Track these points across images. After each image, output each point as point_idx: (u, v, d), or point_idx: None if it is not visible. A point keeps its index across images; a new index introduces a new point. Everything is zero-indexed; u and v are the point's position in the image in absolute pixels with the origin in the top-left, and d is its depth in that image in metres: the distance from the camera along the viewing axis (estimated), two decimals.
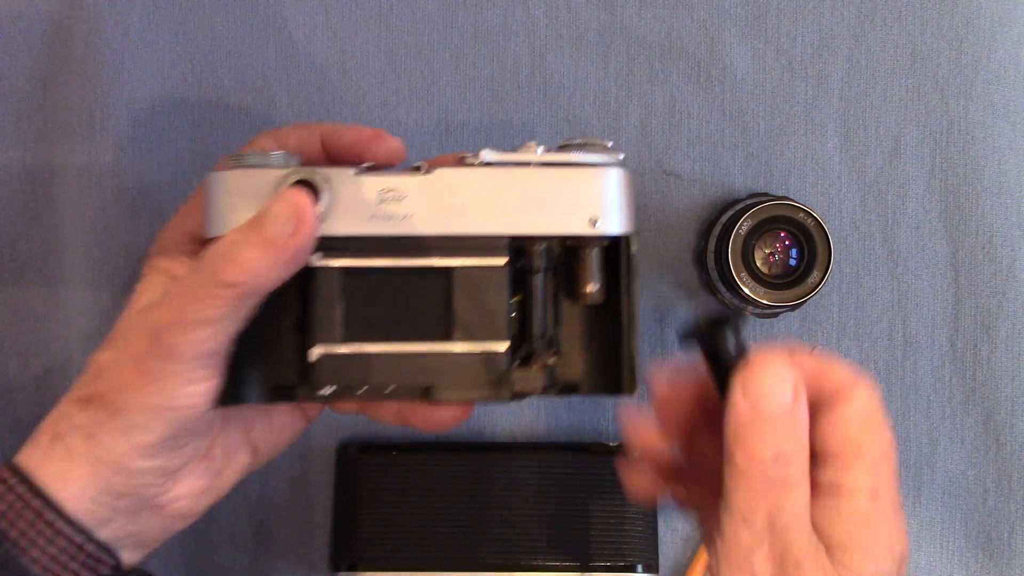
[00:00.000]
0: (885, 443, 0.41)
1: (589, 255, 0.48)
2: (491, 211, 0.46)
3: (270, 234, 0.43)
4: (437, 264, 0.46)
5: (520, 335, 0.48)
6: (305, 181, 0.45)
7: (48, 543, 0.44)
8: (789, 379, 0.40)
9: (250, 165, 0.46)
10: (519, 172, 0.46)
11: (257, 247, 0.43)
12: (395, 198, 0.46)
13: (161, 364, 0.43)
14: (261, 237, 0.43)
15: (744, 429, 0.40)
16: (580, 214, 0.46)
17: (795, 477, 0.40)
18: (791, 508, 0.39)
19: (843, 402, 0.41)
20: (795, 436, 0.40)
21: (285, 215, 0.43)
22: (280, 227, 0.43)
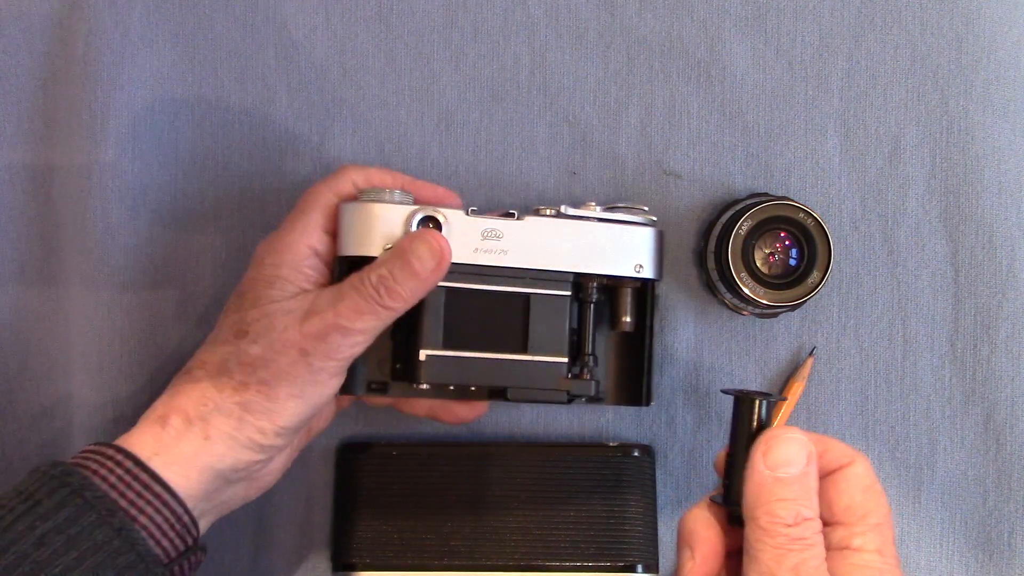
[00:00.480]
0: (885, 508, 0.47)
1: (626, 293, 0.60)
2: (565, 253, 0.58)
3: (419, 269, 0.54)
4: (520, 291, 0.58)
5: (575, 354, 0.60)
6: (433, 219, 0.56)
7: (155, 512, 0.50)
8: (804, 448, 0.46)
9: (380, 200, 0.56)
10: (585, 224, 0.58)
11: (411, 280, 0.54)
12: (495, 236, 0.57)
13: (323, 362, 0.53)
14: (413, 271, 0.54)
15: (766, 492, 0.46)
16: (628, 261, 0.59)
17: (814, 536, 0.45)
18: (813, 562, 0.44)
19: (846, 473, 0.47)
20: (810, 499, 0.46)
21: (429, 254, 0.54)
22: (427, 264, 0.54)
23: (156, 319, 0.63)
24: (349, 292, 0.53)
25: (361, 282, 0.53)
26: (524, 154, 0.64)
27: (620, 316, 0.60)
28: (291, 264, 0.55)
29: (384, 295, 0.53)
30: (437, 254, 0.54)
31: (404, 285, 0.53)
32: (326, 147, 0.64)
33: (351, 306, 0.53)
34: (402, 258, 0.54)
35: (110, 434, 0.61)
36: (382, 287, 0.53)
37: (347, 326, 0.53)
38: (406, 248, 0.54)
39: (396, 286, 0.53)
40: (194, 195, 0.64)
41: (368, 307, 0.53)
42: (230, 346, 0.53)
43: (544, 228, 0.58)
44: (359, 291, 0.53)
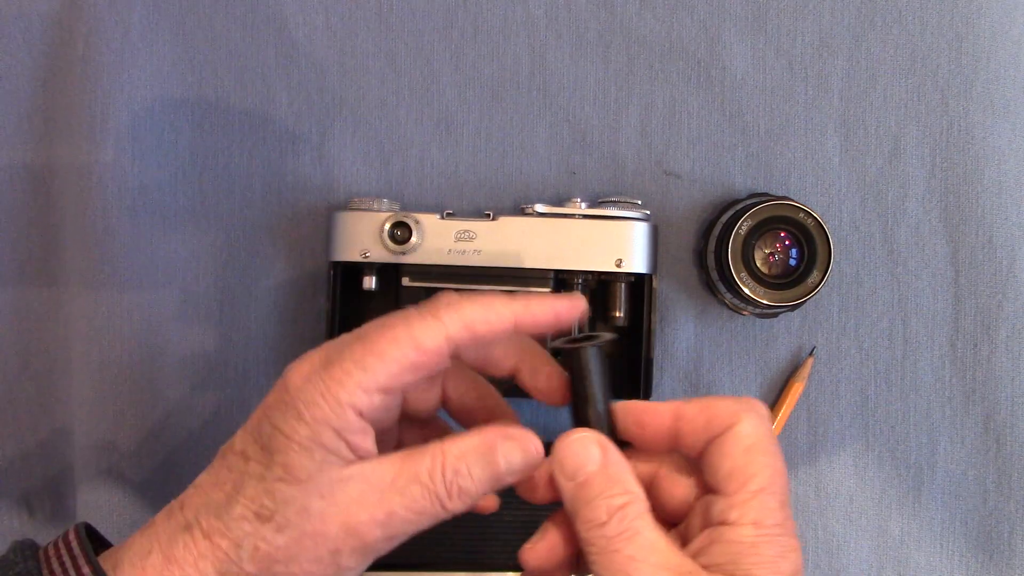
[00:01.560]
0: (770, 468, 0.42)
1: (618, 288, 0.61)
2: (541, 251, 0.59)
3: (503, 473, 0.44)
4: (498, 289, 0.57)
5: None
6: (403, 223, 0.59)
7: None
8: (591, 441, 0.43)
9: (366, 209, 0.60)
10: (564, 222, 0.60)
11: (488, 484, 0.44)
12: (468, 237, 0.59)
13: (356, 562, 0.43)
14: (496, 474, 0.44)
15: (573, 502, 0.42)
16: (608, 256, 0.59)
17: (635, 525, 0.41)
18: (642, 550, 0.41)
19: (729, 434, 0.42)
20: (621, 487, 0.42)
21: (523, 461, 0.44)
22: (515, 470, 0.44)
23: (156, 319, 0.63)
24: (411, 486, 0.43)
25: (431, 477, 0.43)
26: (524, 154, 0.64)
27: (610, 311, 0.61)
28: (338, 430, 0.42)
29: (454, 497, 0.43)
30: (532, 464, 0.44)
31: (479, 488, 0.43)
32: (326, 147, 0.64)
33: (410, 506, 0.43)
34: (487, 458, 0.43)
35: (110, 434, 0.62)
36: (455, 487, 0.43)
37: (398, 528, 0.43)
38: (494, 447, 0.44)
39: (471, 487, 0.43)
40: (194, 195, 0.64)
41: (429, 507, 0.43)
42: (248, 526, 0.42)
43: (519, 227, 0.59)
44: (425, 488, 0.43)
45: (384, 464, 0.43)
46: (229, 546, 0.42)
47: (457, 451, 0.43)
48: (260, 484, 0.43)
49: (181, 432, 0.63)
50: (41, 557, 0.44)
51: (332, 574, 0.43)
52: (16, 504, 0.64)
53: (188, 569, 0.42)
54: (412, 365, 0.43)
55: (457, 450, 0.43)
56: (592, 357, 0.46)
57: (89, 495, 0.62)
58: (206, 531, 0.43)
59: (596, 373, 0.46)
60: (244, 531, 0.42)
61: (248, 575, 0.42)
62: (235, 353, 0.64)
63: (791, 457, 0.64)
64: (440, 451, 0.43)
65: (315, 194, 0.64)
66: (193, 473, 0.61)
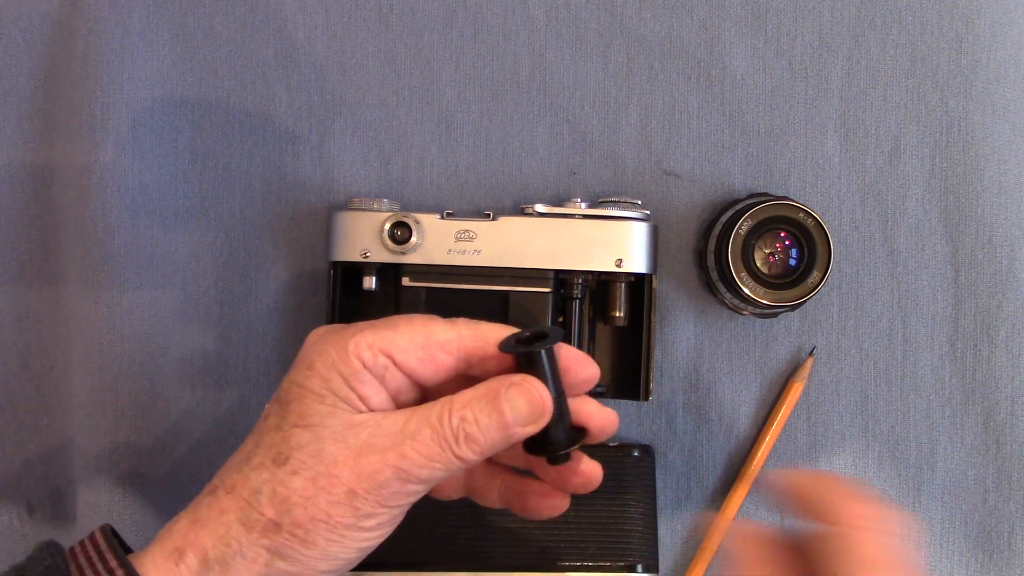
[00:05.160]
0: None
1: (618, 288, 0.61)
2: (541, 251, 0.59)
3: (509, 420, 0.45)
4: (497, 289, 0.59)
5: None
6: (403, 223, 0.59)
7: None
8: None
9: (366, 208, 0.59)
10: (564, 222, 0.59)
11: (497, 432, 0.45)
12: (468, 237, 0.59)
13: (372, 508, 0.44)
14: (502, 422, 0.45)
15: None
16: (608, 256, 0.59)
17: None
18: None
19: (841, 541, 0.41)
20: None
21: (528, 408, 0.46)
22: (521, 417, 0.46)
23: (156, 319, 0.63)
24: (421, 430, 0.45)
25: (439, 422, 0.45)
26: (524, 154, 0.64)
27: (611, 311, 0.61)
28: (346, 377, 0.46)
29: (462, 443, 0.45)
30: (538, 410, 0.46)
31: (487, 435, 0.45)
32: (326, 147, 0.64)
33: (421, 449, 0.44)
34: (492, 404, 0.45)
35: (110, 434, 0.62)
36: (462, 433, 0.45)
37: (411, 472, 0.44)
38: (498, 393, 0.46)
39: (478, 434, 0.45)
40: (194, 195, 0.64)
41: (440, 454, 0.45)
42: (266, 472, 0.45)
43: (519, 227, 0.59)
44: (434, 431, 0.45)
45: (396, 414, 0.45)
46: (249, 494, 0.44)
47: (464, 399, 0.45)
48: (277, 433, 0.45)
49: (181, 432, 0.63)
50: (68, 555, 0.45)
51: (352, 520, 0.44)
52: (16, 504, 0.64)
53: (212, 524, 0.44)
54: (419, 347, 0.46)
55: (464, 398, 0.46)
56: (544, 357, 0.47)
57: (89, 495, 0.62)
58: (228, 487, 0.45)
59: (549, 372, 0.47)
60: (262, 478, 0.44)
61: (268, 519, 0.44)
62: (235, 353, 0.64)
63: (791, 457, 0.64)
64: (449, 400, 0.46)
65: (315, 194, 0.64)
66: (193, 472, 0.61)
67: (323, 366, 0.46)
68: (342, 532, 0.44)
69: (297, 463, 0.44)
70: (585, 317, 0.62)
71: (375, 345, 0.46)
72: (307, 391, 0.45)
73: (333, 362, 0.46)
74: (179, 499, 0.63)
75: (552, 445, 0.48)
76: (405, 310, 0.60)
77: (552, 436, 0.48)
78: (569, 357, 0.49)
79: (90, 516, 0.62)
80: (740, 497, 0.63)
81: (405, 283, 0.60)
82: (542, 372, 0.47)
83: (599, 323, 0.63)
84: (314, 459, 0.44)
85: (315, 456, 0.44)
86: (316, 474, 0.44)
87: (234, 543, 0.44)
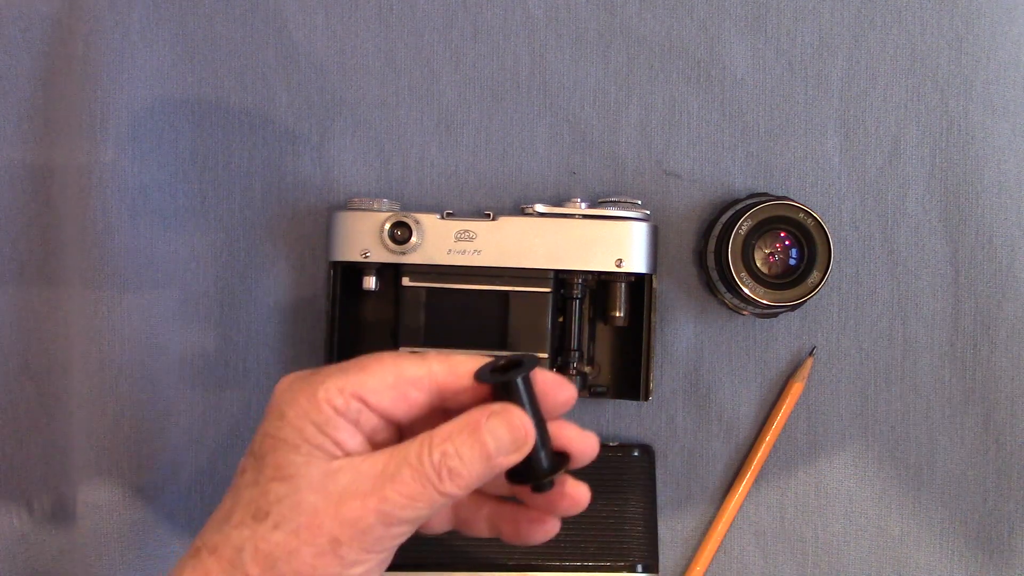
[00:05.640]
0: None
1: (618, 288, 0.61)
2: (541, 251, 0.59)
3: (492, 451, 0.44)
4: (497, 289, 0.59)
5: (560, 348, 0.61)
6: (403, 223, 0.59)
7: None
8: None
9: (366, 208, 0.60)
10: (564, 222, 0.60)
11: (480, 464, 0.44)
12: (468, 237, 0.59)
13: (357, 555, 0.43)
14: (484, 453, 0.44)
15: None
16: (608, 256, 0.59)
17: None
18: None
19: None
20: None
21: (510, 438, 0.45)
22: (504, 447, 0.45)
23: (156, 319, 0.63)
24: (401, 470, 0.43)
25: (419, 459, 0.43)
26: (524, 154, 0.64)
27: (611, 311, 0.61)
28: (319, 425, 0.44)
29: (445, 479, 0.43)
30: (520, 439, 0.45)
31: (470, 468, 0.44)
32: (326, 147, 0.64)
33: (402, 489, 0.43)
34: (474, 435, 0.44)
35: (110, 434, 0.62)
36: (444, 468, 0.43)
37: (394, 514, 0.43)
38: (479, 424, 0.44)
39: (462, 468, 0.44)
40: (194, 195, 0.64)
41: (423, 492, 0.43)
42: (247, 529, 0.43)
43: (519, 227, 0.60)
44: (415, 470, 0.43)
45: (374, 456, 0.44)
46: (232, 553, 0.43)
47: (444, 433, 0.44)
48: (255, 488, 0.44)
49: (181, 432, 0.63)
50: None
51: (338, 570, 0.43)
52: (16, 504, 0.64)
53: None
54: (390, 387, 0.45)
55: (444, 432, 0.44)
56: (521, 385, 0.46)
57: (89, 495, 0.62)
58: (211, 548, 0.44)
59: (527, 400, 0.46)
60: (244, 536, 0.43)
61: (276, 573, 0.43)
62: (235, 353, 0.64)
63: (791, 457, 0.64)
64: (428, 435, 0.44)
65: (315, 194, 0.64)
66: (193, 473, 0.61)
67: (295, 415, 0.44)
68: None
69: (278, 517, 0.43)
70: (585, 317, 0.62)
71: (345, 390, 0.45)
72: (281, 442, 0.44)
73: (304, 411, 0.44)
74: (179, 499, 0.63)
75: (535, 473, 0.47)
76: (405, 310, 0.60)
77: (535, 464, 0.47)
78: (545, 381, 0.47)
79: (90, 516, 0.62)
80: (740, 497, 0.63)
81: (405, 283, 0.60)
82: (520, 400, 0.46)
83: (599, 323, 0.63)
84: (294, 511, 0.43)
85: (295, 508, 0.43)
86: (298, 526, 0.43)
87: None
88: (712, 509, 0.64)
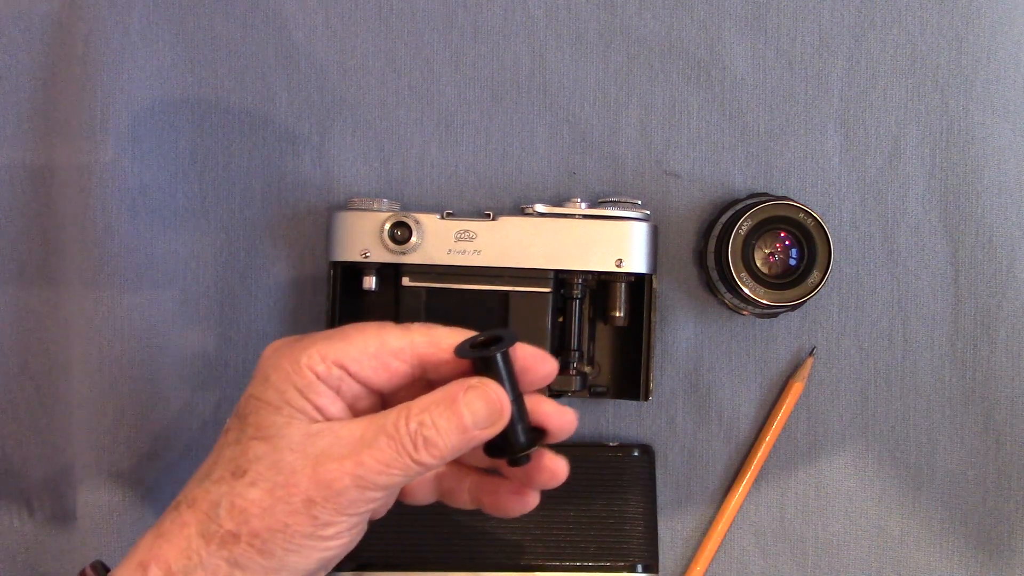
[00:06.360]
0: None
1: (618, 288, 0.61)
2: (541, 251, 0.59)
3: (468, 424, 0.45)
4: (497, 289, 0.59)
5: (560, 348, 0.61)
6: (403, 223, 0.59)
7: None
8: None
9: (365, 209, 0.60)
10: (564, 222, 0.60)
11: (456, 435, 0.45)
12: (468, 238, 0.59)
13: (331, 516, 0.44)
14: (461, 425, 0.45)
15: None
16: (608, 256, 0.59)
17: None
18: None
19: None
20: None
21: (486, 411, 0.46)
22: (480, 420, 0.46)
23: (156, 319, 0.63)
24: (378, 438, 0.45)
25: (395, 428, 0.45)
26: (524, 154, 0.64)
27: (611, 311, 0.61)
28: (300, 389, 0.46)
29: (420, 448, 0.45)
30: (496, 412, 0.46)
31: (446, 439, 0.45)
32: (326, 147, 0.64)
33: (378, 456, 0.44)
34: (451, 408, 0.46)
35: (110, 434, 0.62)
36: (420, 438, 0.45)
37: (369, 479, 0.44)
38: (456, 397, 0.46)
39: (437, 439, 0.45)
40: (194, 195, 0.64)
41: (398, 460, 0.45)
42: (225, 485, 0.45)
43: (519, 227, 0.59)
44: (391, 438, 0.45)
45: (353, 422, 0.46)
46: (209, 507, 0.45)
47: (422, 404, 0.46)
48: (236, 447, 0.46)
49: (181, 432, 0.63)
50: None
51: (311, 529, 0.44)
52: (16, 504, 0.64)
53: (174, 538, 0.45)
54: (372, 356, 0.47)
55: (422, 404, 0.46)
56: (500, 360, 0.47)
57: (89, 495, 0.62)
58: (190, 501, 0.45)
59: (506, 374, 0.47)
60: (221, 491, 0.45)
61: (227, 531, 0.44)
62: (235, 353, 0.64)
63: (791, 457, 0.64)
64: (406, 406, 0.46)
65: (315, 194, 0.64)
66: (193, 472, 0.61)
67: (277, 379, 0.46)
68: (300, 542, 0.44)
69: (255, 475, 0.45)
70: (585, 317, 0.62)
71: (328, 357, 0.46)
72: (264, 404, 0.46)
73: (287, 375, 0.46)
74: None
75: (512, 447, 0.48)
76: (405, 310, 0.60)
77: (511, 438, 0.48)
78: (526, 356, 0.49)
79: (90, 516, 0.62)
80: (740, 497, 0.63)
81: (405, 283, 0.60)
82: (499, 375, 0.47)
83: (599, 323, 0.63)
84: (271, 470, 0.45)
85: (272, 467, 0.45)
86: (274, 485, 0.44)
87: (194, 556, 0.44)
88: (712, 509, 0.64)
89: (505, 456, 0.48)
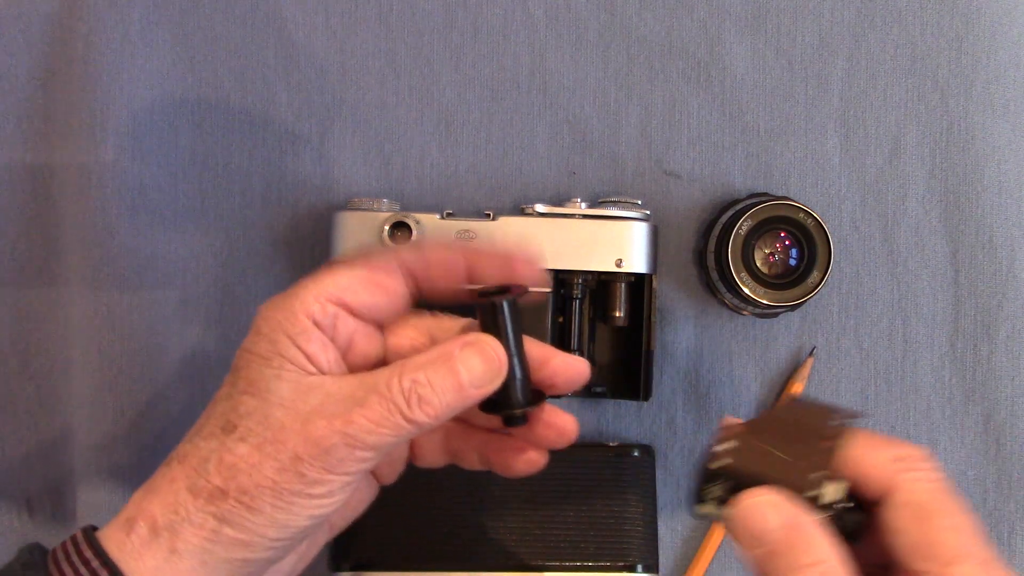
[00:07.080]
0: (960, 530, 0.41)
1: (618, 288, 0.61)
2: (541, 251, 0.56)
3: (464, 382, 0.44)
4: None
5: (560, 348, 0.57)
6: (403, 223, 0.59)
7: None
8: (770, 505, 0.40)
9: (366, 209, 0.60)
10: (564, 222, 0.60)
11: (451, 393, 0.44)
12: (468, 238, 0.60)
13: (318, 475, 0.43)
14: (457, 383, 0.44)
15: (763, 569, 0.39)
16: (608, 256, 0.59)
17: None
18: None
19: (892, 504, 0.40)
20: (810, 555, 0.39)
21: (483, 368, 0.44)
22: (477, 378, 0.44)
23: (156, 319, 0.63)
24: (369, 396, 0.43)
25: (387, 386, 0.43)
26: (524, 154, 0.64)
27: (611, 310, 0.61)
28: (292, 336, 0.44)
29: (414, 406, 0.43)
30: (494, 370, 0.45)
31: (441, 397, 0.44)
32: (326, 147, 0.64)
33: (369, 415, 0.43)
34: (446, 365, 0.44)
35: (110, 434, 0.62)
36: (414, 396, 0.43)
37: (359, 437, 0.43)
38: (452, 354, 0.44)
39: (432, 396, 0.43)
40: (194, 195, 0.64)
41: (390, 419, 0.43)
42: (214, 441, 0.44)
43: (519, 227, 0.60)
44: (383, 397, 0.43)
45: (346, 379, 0.44)
46: (198, 462, 0.44)
47: (416, 362, 0.44)
48: (227, 402, 0.45)
49: (181, 432, 0.63)
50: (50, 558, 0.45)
51: (299, 487, 0.43)
52: (16, 504, 0.64)
53: (162, 493, 0.44)
54: (363, 279, 0.45)
55: (416, 362, 0.44)
56: (507, 309, 0.45)
57: (89, 495, 0.62)
58: (180, 457, 0.45)
59: (510, 326, 0.45)
60: (211, 447, 0.44)
61: (215, 486, 0.43)
62: (235, 353, 0.64)
63: None
64: (400, 364, 0.44)
65: (315, 194, 0.64)
66: None
67: (269, 329, 0.45)
68: (288, 499, 0.43)
69: (244, 430, 0.44)
70: (585, 317, 0.62)
71: (321, 295, 0.45)
72: (255, 356, 0.45)
73: (278, 323, 0.45)
74: None
75: (510, 405, 0.46)
76: None
77: (510, 396, 0.46)
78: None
79: (90, 515, 0.62)
80: None
81: None
82: (502, 326, 0.45)
83: (599, 323, 0.63)
84: (261, 426, 0.44)
85: (262, 423, 0.44)
86: (263, 440, 0.43)
87: (182, 510, 0.43)
88: None
89: (500, 413, 0.46)
